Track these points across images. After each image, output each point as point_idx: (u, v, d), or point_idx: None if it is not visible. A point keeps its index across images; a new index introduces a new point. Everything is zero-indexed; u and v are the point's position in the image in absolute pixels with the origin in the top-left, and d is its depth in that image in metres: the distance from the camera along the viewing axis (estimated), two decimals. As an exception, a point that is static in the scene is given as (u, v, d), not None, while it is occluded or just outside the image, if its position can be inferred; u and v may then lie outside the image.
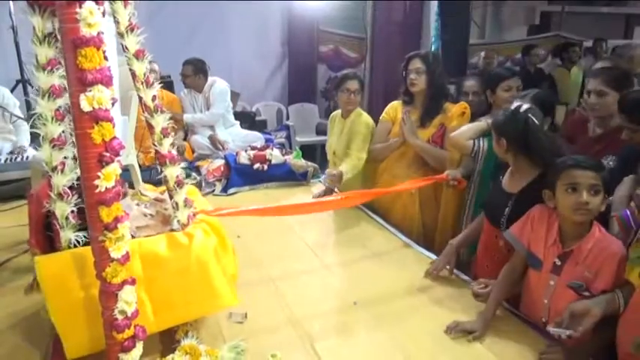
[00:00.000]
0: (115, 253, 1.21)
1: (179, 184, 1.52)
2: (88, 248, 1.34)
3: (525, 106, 1.84)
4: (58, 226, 1.36)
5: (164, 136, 1.49)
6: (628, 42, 6.38)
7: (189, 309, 1.50)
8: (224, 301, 1.54)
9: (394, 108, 2.82)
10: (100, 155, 1.18)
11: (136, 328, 1.26)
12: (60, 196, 1.35)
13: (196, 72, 4.03)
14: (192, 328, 1.55)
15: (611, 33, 7.34)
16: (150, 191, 1.92)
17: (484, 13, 7.40)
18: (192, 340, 1.42)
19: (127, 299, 1.23)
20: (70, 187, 1.38)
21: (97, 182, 1.18)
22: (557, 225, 1.59)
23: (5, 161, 3.06)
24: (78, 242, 1.36)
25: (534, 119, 1.79)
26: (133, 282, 1.26)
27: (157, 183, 1.87)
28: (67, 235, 1.36)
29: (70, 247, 1.36)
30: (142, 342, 1.29)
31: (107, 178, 1.19)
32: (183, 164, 3.01)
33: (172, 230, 1.54)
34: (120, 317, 1.23)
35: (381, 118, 2.86)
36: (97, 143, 1.18)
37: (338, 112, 3.06)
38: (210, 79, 4.11)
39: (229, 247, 1.70)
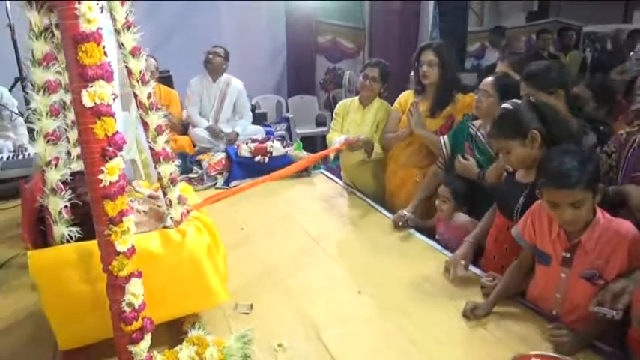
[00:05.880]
0: (121, 246, 1.23)
1: (173, 181, 1.53)
2: (82, 243, 1.36)
3: (517, 101, 1.78)
4: (51, 221, 1.37)
5: (158, 134, 1.50)
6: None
7: (182, 304, 1.52)
8: (217, 297, 1.56)
9: (405, 98, 2.81)
10: (103, 150, 1.19)
11: (143, 320, 1.28)
12: (53, 191, 1.35)
13: (226, 57, 4.10)
14: (198, 319, 1.57)
15: (610, 18, 7.30)
16: (144, 188, 1.92)
17: (482, 0, 7.37)
18: (199, 331, 1.44)
19: (134, 291, 1.25)
20: (64, 183, 1.38)
21: (101, 177, 1.19)
22: None
23: (7, 159, 3.07)
24: (71, 237, 1.37)
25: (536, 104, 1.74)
26: (140, 275, 1.28)
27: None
28: (61, 230, 1.37)
29: (62, 242, 1.37)
30: (149, 333, 1.30)
31: (111, 173, 1.20)
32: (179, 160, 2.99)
33: (165, 227, 1.54)
34: (128, 309, 1.24)
35: (392, 107, 2.87)
36: (100, 138, 1.19)
37: (350, 100, 3.07)
38: (225, 75, 4.14)
39: (221, 248, 1.69)
